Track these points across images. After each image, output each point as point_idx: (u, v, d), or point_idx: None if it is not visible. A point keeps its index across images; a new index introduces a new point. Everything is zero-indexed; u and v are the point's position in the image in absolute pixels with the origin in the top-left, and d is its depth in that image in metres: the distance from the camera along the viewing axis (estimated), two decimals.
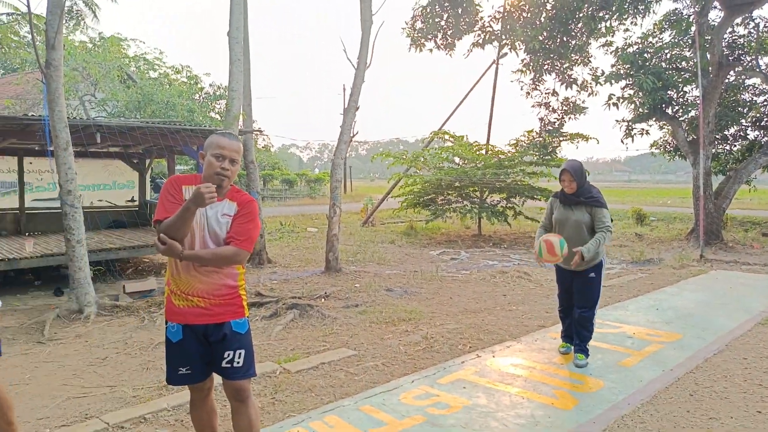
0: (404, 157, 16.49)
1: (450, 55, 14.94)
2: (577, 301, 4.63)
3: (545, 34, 14.15)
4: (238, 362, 2.58)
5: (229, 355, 2.56)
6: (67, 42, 18.61)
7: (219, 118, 19.46)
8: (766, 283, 8.29)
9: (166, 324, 2.59)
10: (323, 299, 6.95)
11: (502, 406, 3.77)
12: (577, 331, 4.64)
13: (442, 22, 14.24)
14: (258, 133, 19.08)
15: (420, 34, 14.49)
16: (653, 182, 74.95)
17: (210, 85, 21.80)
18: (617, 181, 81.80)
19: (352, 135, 9.89)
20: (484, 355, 4.87)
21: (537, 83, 15.30)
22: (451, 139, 16.09)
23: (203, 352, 2.58)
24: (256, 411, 2.73)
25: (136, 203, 11.95)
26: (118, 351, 5.06)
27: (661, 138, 16.97)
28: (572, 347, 4.76)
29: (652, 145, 17.20)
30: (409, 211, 16.12)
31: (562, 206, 4.63)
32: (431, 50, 14.82)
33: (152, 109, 17.92)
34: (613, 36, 14.88)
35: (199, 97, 20.91)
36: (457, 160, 15.74)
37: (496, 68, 17.17)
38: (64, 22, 6.38)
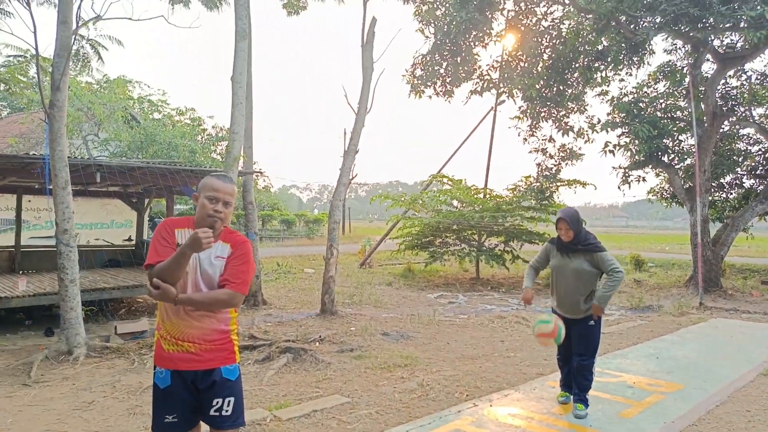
0: (403, 199, 16.58)
1: (449, 101, 15.22)
2: (576, 348, 4.55)
3: (542, 82, 14.46)
4: (226, 410, 2.50)
5: (218, 402, 2.49)
6: (73, 83, 18.99)
7: (220, 159, 19.67)
8: (767, 332, 8.19)
9: (155, 369, 2.51)
10: (318, 343, 6.83)
11: None
12: (576, 381, 4.54)
13: (441, 70, 14.57)
14: (258, 174, 19.21)
15: (420, 81, 14.80)
16: (651, 228, 75.15)
17: (213, 126, 22.17)
18: (615, 226, 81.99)
19: (351, 177, 9.97)
20: (481, 404, 4.75)
21: (534, 130, 15.54)
22: (450, 182, 16.22)
23: (191, 399, 2.49)
24: None
25: (133, 242, 11.92)
26: (106, 395, 4.93)
27: (658, 185, 17.13)
28: (571, 396, 4.66)
29: (649, 192, 17.33)
30: (407, 253, 16.08)
31: (560, 254, 4.60)
32: (430, 97, 15.11)
33: (154, 149, 18.14)
34: (608, 85, 15.26)
35: (202, 138, 21.21)
36: (455, 203, 15.82)
37: (494, 115, 17.50)
38: (70, 64, 6.52)
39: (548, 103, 14.86)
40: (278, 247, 27.15)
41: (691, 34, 11.61)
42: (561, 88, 14.55)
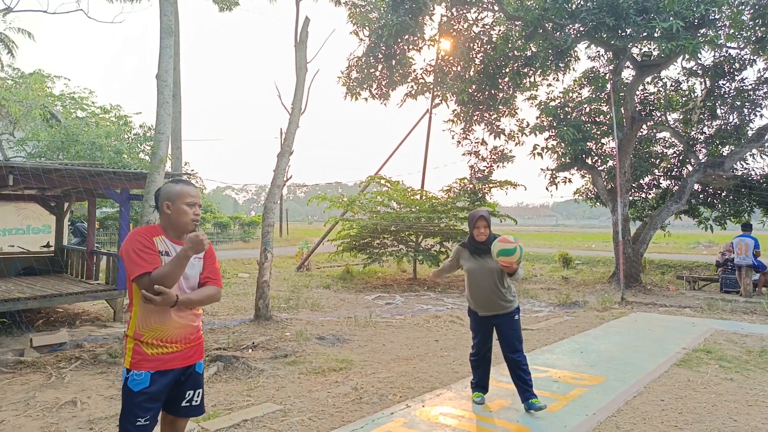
0: (341, 200, 16.52)
1: (385, 104, 15.32)
2: (509, 345, 4.63)
3: (474, 87, 14.83)
4: (196, 401, 2.82)
5: (189, 394, 2.78)
6: None
7: (149, 160, 18.87)
8: (681, 324, 8.76)
9: (130, 374, 2.59)
10: (250, 350, 6.67)
11: None
12: (518, 377, 4.61)
13: (377, 73, 14.64)
14: (187, 176, 18.62)
15: (355, 84, 14.81)
16: (579, 227, 78.75)
17: (140, 126, 21.18)
18: (545, 225, 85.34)
19: (285, 179, 9.82)
20: (413, 404, 4.79)
21: (467, 133, 15.90)
22: (388, 183, 16.32)
23: (165, 396, 2.69)
24: None
25: (52, 249, 11.20)
26: (18, 413, 4.59)
27: (583, 185, 17.96)
28: (484, 396, 4.85)
29: (575, 192, 18.14)
30: (346, 255, 16.03)
31: (473, 256, 4.70)
32: (366, 99, 15.15)
33: (77, 149, 17.15)
34: (537, 90, 15.86)
35: (129, 137, 20.24)
36: (394, 204, 15.93)
37: (430, 117, 17.76)
38: None
39: (480, 107, 15.26)
40: None
41: (612, 42, 12.26)
42: (492, 92, 14.98)
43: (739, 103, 14.76)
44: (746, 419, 4.52)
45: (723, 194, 15.54)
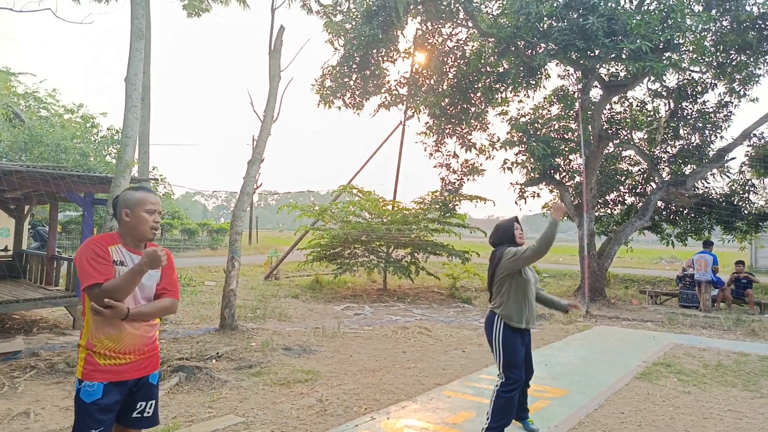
0: (312, 209, 16.43)
1: (358, 114, 15.35)
2: (530, 364, 4.53)
3: (447, 100, 15.01)
4: (148, 412, 2.74)
5: (141, 405, 2.71)
6: None
7: (115, 164, 18.48)
8: (643, 338, 8.97)
9: (82, 384, 2.54)
10: (214, 360, 6.55)
11: None
12: (525, 394, 4.53)
13: (351, 82, 14.67)
14: (154, 181, 18.26)
15: (329, 92, 14.80)
16: None
17: (108, 128, 20.73)
18: None
19: (256, 186, 9.73)
20: (378, 416, 4.77)
21: (439, 145, 16.05)
22: (360, 193, 16.32)
23: (118, 408, 2.63)
24: None
25: (10, 253, 10.83)
26: None
27: (551, 200, 18.30)
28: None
29: (543, 207, 18.46)
30: (315, 265, 15.93)
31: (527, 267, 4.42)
32: (339, 108, 15.15)
33: (40, 150, 16.70)
34: (508, 106, 16.12)
35: (95, 140, 19.78)
36: (366, 214, 15.92)
37: (403, 129, 17.89)
38: None
39: (453, 120, 15.44)
40: (179, 258, 25.83)
41: (581, 62, 12.59)
42: (465, 106, 15.17)
43: (700, 125, 15.33)
44: None
45: (685, 212, 16.05)
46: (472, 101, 15.18)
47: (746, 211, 15.61)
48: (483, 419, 4.67)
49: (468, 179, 16.15)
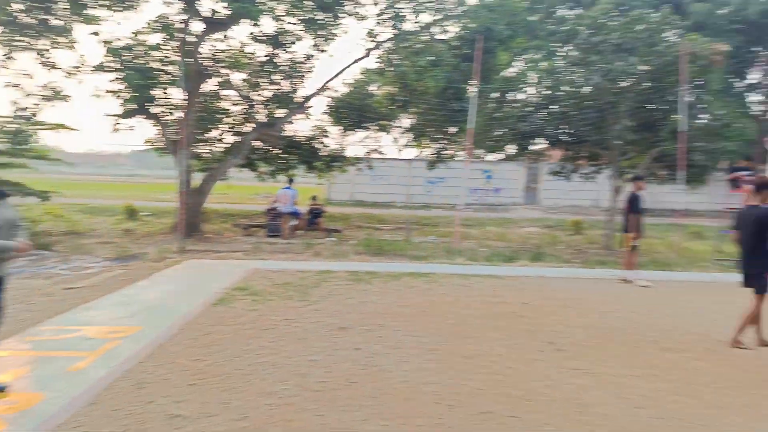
0: None
1: None
2: None
3: (18, 6, 12.26)
4: None
5: None
6: None
7: None
8: (229, 267, 9.60)
9: None
10: None
11: None
12: None
13: None
14: None
15: None
16: (154, 177, 76.96)
17: None
18: (120, 175, 79.92)
19: None
20: None
21: (7, 61, 13.12)
22: None
23: None
24: None
25: None
26: None
27: (155, 135, 17.45)
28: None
29: (146, 141, 17.51)
30: None
31: None
32: None
33: None
34: (100, 25, 14.27)
35: None
36: None
37: None
38: None
39: (27, 32, 12.75)
40: None
41: None
42: (45, 17, 12.71)
43: (291, 73, 17.00)
44: (257, 342, 5.36)
45: (275, 151, 17.82)
46: (55, 13, 12.81)
47: (323, 153, 18.42)
48: (38, 373, 4.26)
49: (49, 105, 13.83)
